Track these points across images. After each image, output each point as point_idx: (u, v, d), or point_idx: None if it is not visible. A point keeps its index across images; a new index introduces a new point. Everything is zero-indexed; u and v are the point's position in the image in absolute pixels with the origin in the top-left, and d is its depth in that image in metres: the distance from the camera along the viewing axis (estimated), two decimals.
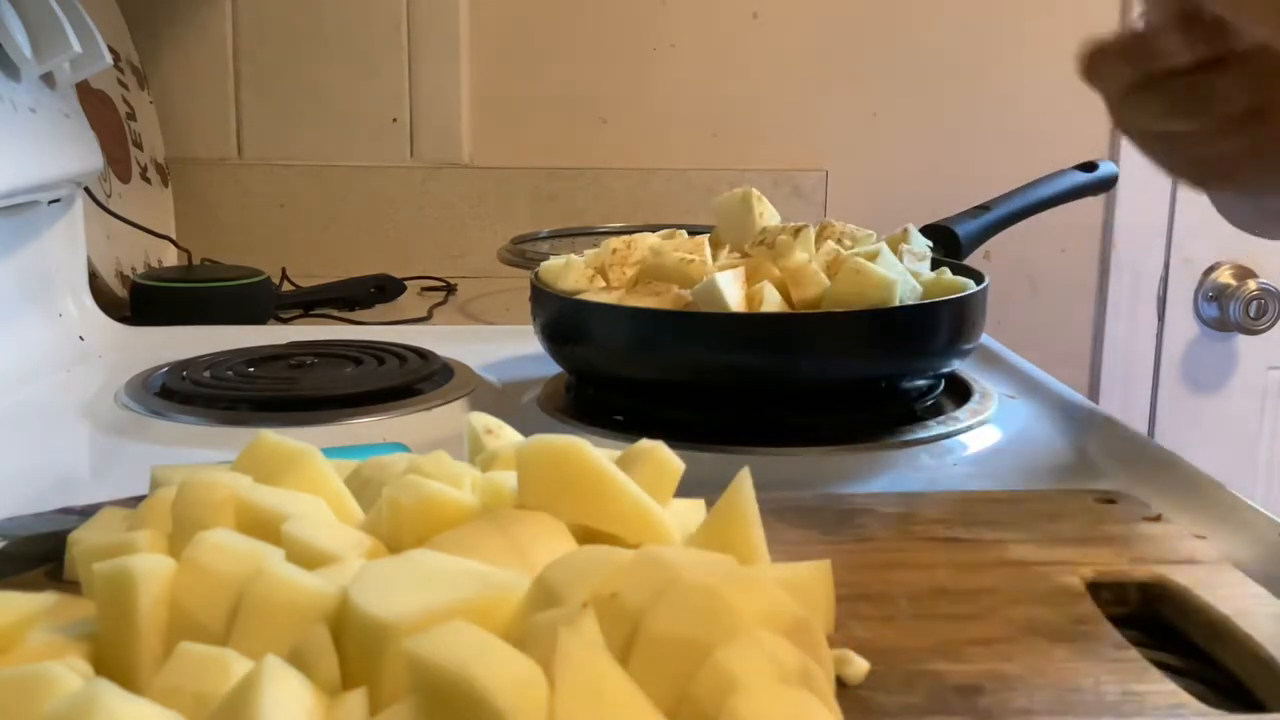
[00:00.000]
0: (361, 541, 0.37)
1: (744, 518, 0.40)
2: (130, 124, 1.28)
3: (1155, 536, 0.48)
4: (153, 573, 0.33)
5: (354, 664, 0.31)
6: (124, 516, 0.43)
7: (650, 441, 0.44)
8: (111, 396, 0.78)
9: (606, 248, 0.75)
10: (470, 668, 0.26)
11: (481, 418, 0.50)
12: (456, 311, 1.24)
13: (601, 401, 0.74)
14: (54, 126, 0.89)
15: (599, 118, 1.47)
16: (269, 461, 0.42)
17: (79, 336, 0.94)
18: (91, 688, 0.27)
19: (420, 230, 1.45)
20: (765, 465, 0.64)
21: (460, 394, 0.78)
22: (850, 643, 0.38)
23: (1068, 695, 0.36)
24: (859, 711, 0.35)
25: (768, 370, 0.67)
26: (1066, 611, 0.41)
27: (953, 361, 0.73)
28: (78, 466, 0.70)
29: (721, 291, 0.66)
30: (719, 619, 0.31)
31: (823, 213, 1.47)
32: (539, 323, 0.75)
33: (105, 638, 0.33)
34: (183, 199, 1.41)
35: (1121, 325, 1.53)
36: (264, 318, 1.14)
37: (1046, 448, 0.69)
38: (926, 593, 0.43)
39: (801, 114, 1.48)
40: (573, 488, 0.39)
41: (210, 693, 0.29)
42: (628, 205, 1.46)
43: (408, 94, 1.42)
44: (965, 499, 0.53)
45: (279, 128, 1.43)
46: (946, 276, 0.73)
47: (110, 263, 1.15)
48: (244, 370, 0.82)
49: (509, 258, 1.19)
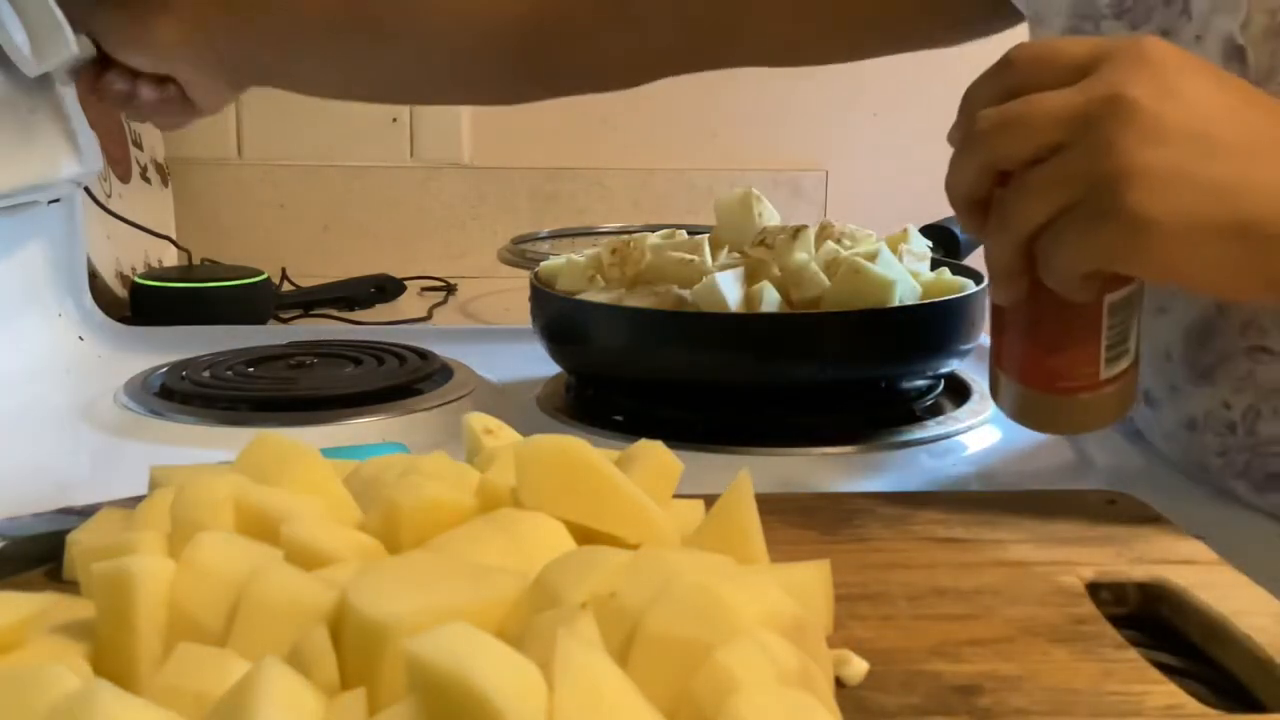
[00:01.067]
0: (361, 542, 0.37)
1: (744, 518, 0.40)
2: (130, 124, 1.28)
3: (1155, 536, 0.48)
4: (152, 573, 0.33)
5: (353, 664, 0.31)
6: (123, 517, 0.43)
7: (650, 441, 0.44)
8: (111, 396, 0.78)
9: (606, 248, 0.75)
10: (469, 668, 0.26)
11: (481, 418, 0.50)
12: (456, 311, 1.24)
13: (601, 401, 0.74)
14: (54, 126, 0.89)
15: (599, 118, 1.46)
16: (269, 461, 0.42)
17: (79, 336, 0.94)
18: (90, 688, 0.27)
19: (420, 230, 1.45)
20: (765, 465, 0.64)
21: (460, 394, 0.78)
22: (849, 643, 0.38)
23: (1067, 695, 0.36)
24: (858, 711, 0.35)
25: (768, 370, 0.67)
26: (1066, 611, 0.41)
27: (952, 361, 0.73)
28: (77, 466, 0.70)
29: (721, 291, 0.66)
30: (718, 619, 0.31)
31: (823, 213, 1.47)
32: (539, 323, 0.75)
33: (104, 638, 0.33)
34: (183, 199, 1.41)
35: None
36: (264, 318, 1.14)
37: (1046, 448, 0.69)
38: (926, 593, 0.43)
39: (801, 114, 1.48)
40: (572, 488, 0.39)
41: (209, 693, 0.29)
42: (628, 205, 1.46)
43: None
44: (965, 499, 0.53)
45: (279, 128, 1.43)
46: (946, 276, 0.73)
47: (110, 263, 1.15)
48: (244, 370, 0.82)
49: (509, 258, 1.19)
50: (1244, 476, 0.58)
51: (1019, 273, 0.48)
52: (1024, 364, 0.51)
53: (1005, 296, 0.50)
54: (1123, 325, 0.50)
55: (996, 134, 0.46)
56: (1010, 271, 0.48)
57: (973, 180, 0.48)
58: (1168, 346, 0.60)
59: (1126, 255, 0.45)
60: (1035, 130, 0.45)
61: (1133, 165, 0.43)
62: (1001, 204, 0.47)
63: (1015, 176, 0.46)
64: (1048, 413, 0.52)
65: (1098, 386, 0.50)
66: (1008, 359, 0.52)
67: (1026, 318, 0.50)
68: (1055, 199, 0.45)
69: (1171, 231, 0.44)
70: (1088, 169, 0.44)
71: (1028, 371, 0.51)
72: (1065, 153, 0.45)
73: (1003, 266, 0.48)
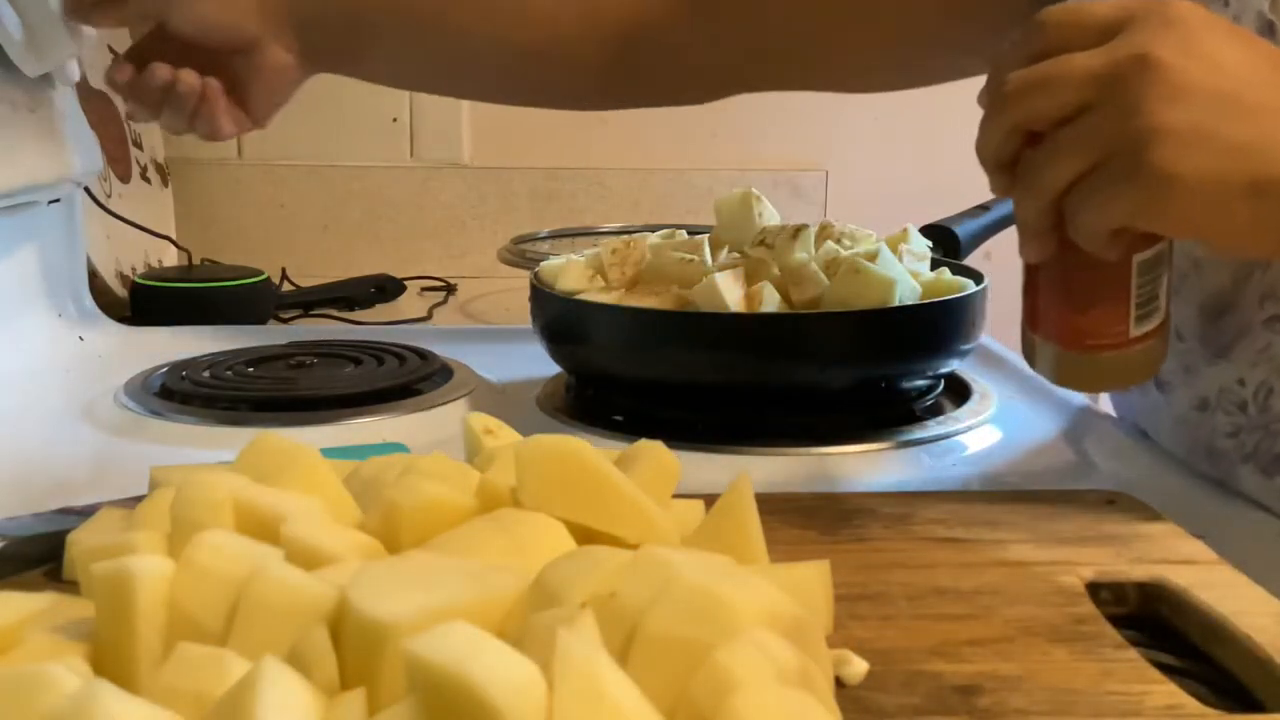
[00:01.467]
0: (360, 542, 0.37)
1: (743, 518, 0.40)
2: (130, 124, 1.28)
3: (1155, 536, 0.48)
4: (151, 573, 0.33)
5: (352, 664, 0.31)
6: (123, 517, 0.43)
7: (650, 441, 0.44)
8: (111, 396, 0.78)
9: (606, 248, 0.75)
10: (469, 668, 0.26)
11: (481, 418, 0.50)
12: (456, 311, 1.24)
13: (601, 401, 0.74)
14: (54, 126, 0.89)
15: (599, 118, 1.46)
16: (268, 461, 0.42)
17: (79, 336, 0.94)
18: (90, 688, 0.27)
19: (420, 230, 1.45)
20: (765, 465, 0.64)
21: (460, 394, 0.78)
22: (849, 643, 0.38)
23: (1067, 695, 0.36)
24: (858, 711, 0.35)
25: (768, 370, 0.67)
26: (1066, 611, 0.41)
27: (952, 361, 0.73)
28: (77, 466, 0.70)
29: (721, 291, 0.66)
30: (718, 619, 0.31)
31: (823, 213, 1.47)
32: (539, 323, 0.75)
33: (104, 638, 0.33)
34: (183, 199, 1.41)
35: None
36: (264, 318, 1.14)
37: (1046, 448, 0.69)
38: (926, 593, 0.43)
39: (801, 114, 1.48)
40: (572, 488, 0.39)
41: (209, 693, 0.29)
42: (628, 205, 1.46)
43: (408, 94, 1.42)
44: (965, 499, 0.53)
45: (279, 128, 1.42)
46: (946, 276, 0.73)
47: (110, 263, 1.15)
48: (244, 370, 0.82)
49: (509, 258, 1.19)
50: (1252, 459, 0.58)
51: (1048, 231, 0.49)
52: (1055, 322, 0.52)
53: (1035, 255, 0.50)
54: (1152, 284, 0.50)
55: (1025, 95, 0.47)
56: (1039, 230, 0.49)
57: (1001, 141, 0.49)
58: (1180, 327, 0.61)
59: (1151, 212, 0.46)
60: (1063, 91, 0.46)
61: (1158, 124, 0.44)
62: (1030, 164, 0.48)
63: (1044, 137, 0.47)
64: (1078, 370, 0.53)
65: (1128, 344, 0.51)
66: (1039, 319, 0.53)
67: (1056, 277, 0.51)
68: (1083, 158, 0.46)
69: (1195, 189, 0.44)
70: (1115, 128, 0.45)
71: (1058, 330, 0.52)
72: (1092, 112, 0.45)
73: (1032, 225, 0.49)
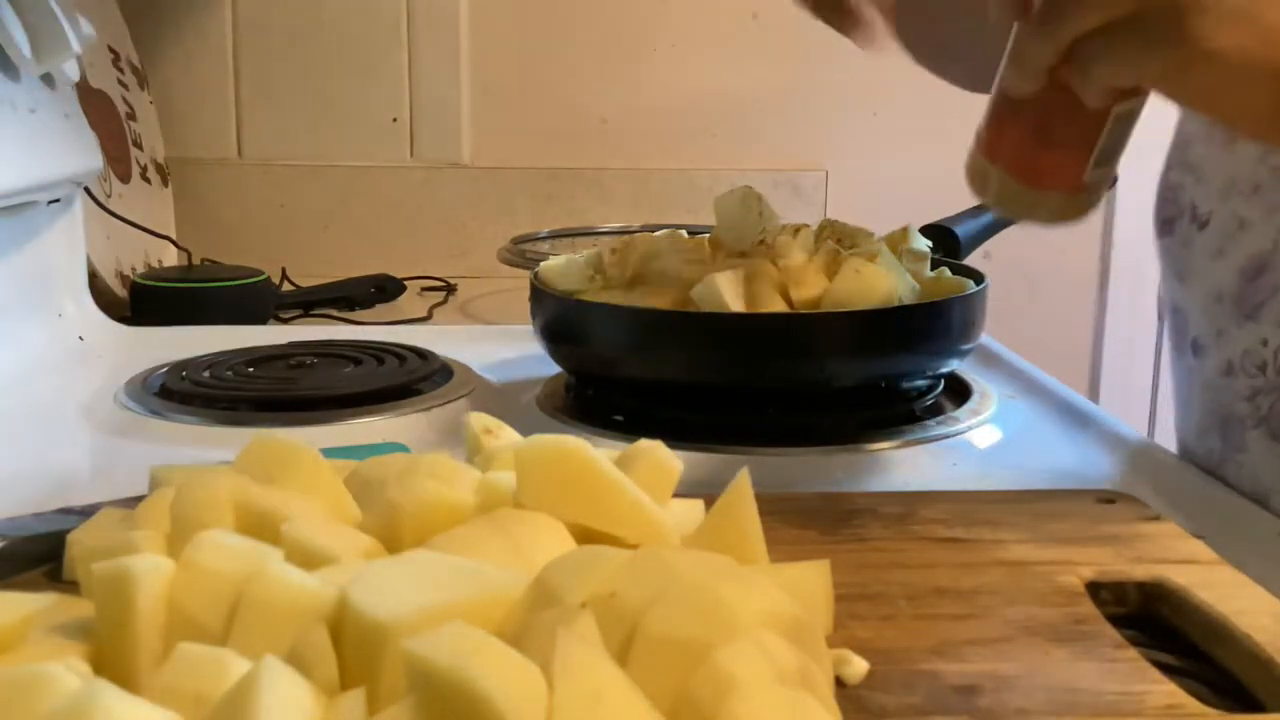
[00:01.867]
0: (360, 542, 0.37)
1: (743, 518, 0.40)
2: (130, 124, 1.28)
3: (1155, 536, 0.48)
4: (151, 573, 0.33)
5: (352, 664, 0.31)
6: (123, 517, 0.43)
7: (650, 441, 0.44)
8: (111, 396, 0.78)
9: (606, 248, 0.75)
10: (469, 668, 0.26)
11: (481, 418, 0.50)
12: (456, 311, 1.24)
13: (601, 401, 0.74)
14: (54, 126, 0.89)
15: (599, 118, 1.46)
16: (268, 462, 0.42)
17: (79, 336, 0.94)
18: (90, 688, 0.27)
19: (420, 230, 1.44)
20: (765, 465, 0.64)
21: (460, 394, 0.78)
22: (850, 643, 0.38)
23: (1066, 695, 0.36)
24: (858, 711, 0.35)
25: (768, 370, 0.67)
26: (1066, 611, 0.41)
27: (952, 361, 0.73)
28: (77, 466, 0.70)
29: (721, 291, 0.66)
30: (718, 619, 0.31)
31: (823, 213, 1.47)
32: (539, 323, 0.75)
33: (104, 638, 0.33)
34: (183, 199, 1.41)
35: (1121, 325, 1.52)
36: (264, 318, 1.14)
37: (1046, 448, 0.69)
38: (926, 593, 0.43)
39: (801, 114, 1.48)
40: (572, 488, 0.39)
41: (209, 693, 0.29)
42: (628, 205, 1.46)
43: (408, 94, 1.42)
44: (965, 499, 0.53)
45: (279, 128, 1.43)
46: (946, 276, 0.73)
47: (110, 263, 1.15)
48: (244, 370, 0.82)
49: (509, 258, 1.19)
50: (1265, 423, 0.59)
51: (1044, 70, 0.48)
52: (1016, 157, 0.53)
53: (1022, 89, 0.50)
54: (1120, 136, 0.51)
55: None
56: (1039, 67, 0.48)
57: None
58: (1220, 288, 0.61)
59: (1176, 81, 0.46)
60: None
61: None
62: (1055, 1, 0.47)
63: None
64: (1020, 202, 0.54)
65: (1077, 189, 0.52)
66: (1000, 149, 0.53)
67: (1030, 113, 0.51)
68: (1116, 8, 0.45)
69: (1226, 66, 0.44)
70: None
71: (1018, 164, 0.53)
72: None
73: (1033, 61, 0.48)
